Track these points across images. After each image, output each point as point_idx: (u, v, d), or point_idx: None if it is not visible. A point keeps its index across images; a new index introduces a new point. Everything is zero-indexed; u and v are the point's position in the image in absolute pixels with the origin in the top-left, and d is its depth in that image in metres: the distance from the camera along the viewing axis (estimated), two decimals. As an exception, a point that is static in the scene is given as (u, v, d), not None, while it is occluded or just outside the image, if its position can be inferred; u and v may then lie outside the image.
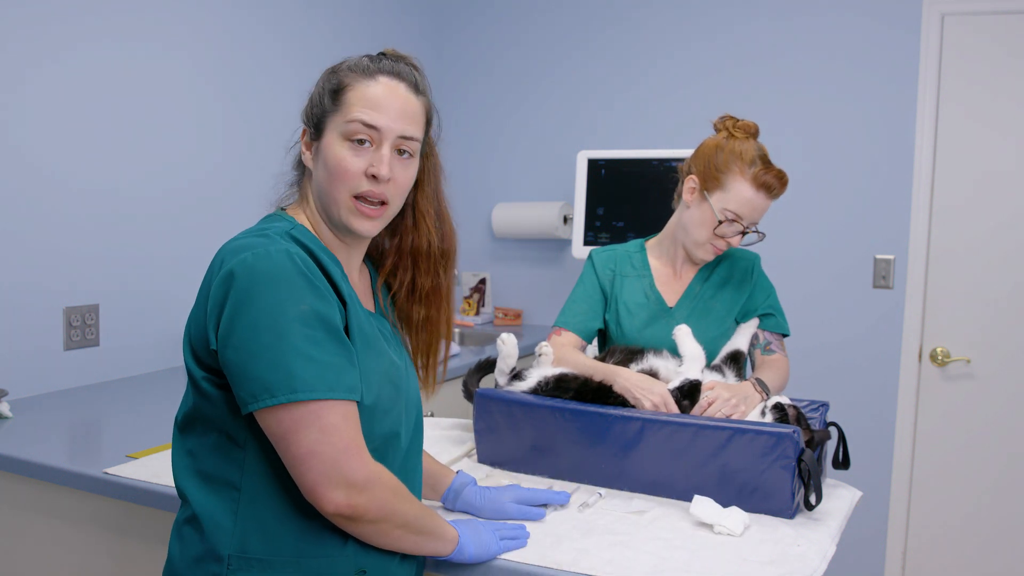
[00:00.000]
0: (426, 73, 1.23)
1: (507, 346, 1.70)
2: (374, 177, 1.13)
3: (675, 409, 1.58)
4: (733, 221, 1.75)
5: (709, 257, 1.83)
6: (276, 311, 1.03)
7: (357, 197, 1.14)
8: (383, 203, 1.16)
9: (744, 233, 1.77)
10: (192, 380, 1.13)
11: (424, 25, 3.74)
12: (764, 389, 1.64)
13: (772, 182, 1.73)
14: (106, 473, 1.57)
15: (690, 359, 1.67)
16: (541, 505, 1.42)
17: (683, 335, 1.69)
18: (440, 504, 1.41)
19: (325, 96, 1.16)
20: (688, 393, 1.60)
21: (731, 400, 1.57)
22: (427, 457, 1.39)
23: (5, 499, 1.73)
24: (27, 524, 1.71)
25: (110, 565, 1.63)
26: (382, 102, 1.14)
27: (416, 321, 1.28)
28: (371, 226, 1.16)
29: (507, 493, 1.39)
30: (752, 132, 1.79)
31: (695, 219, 1.80)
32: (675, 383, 1.62)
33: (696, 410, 1.57)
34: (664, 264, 1.92)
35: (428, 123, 1.23)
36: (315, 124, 1.17)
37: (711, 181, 1.76)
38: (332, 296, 1.09)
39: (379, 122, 1.13)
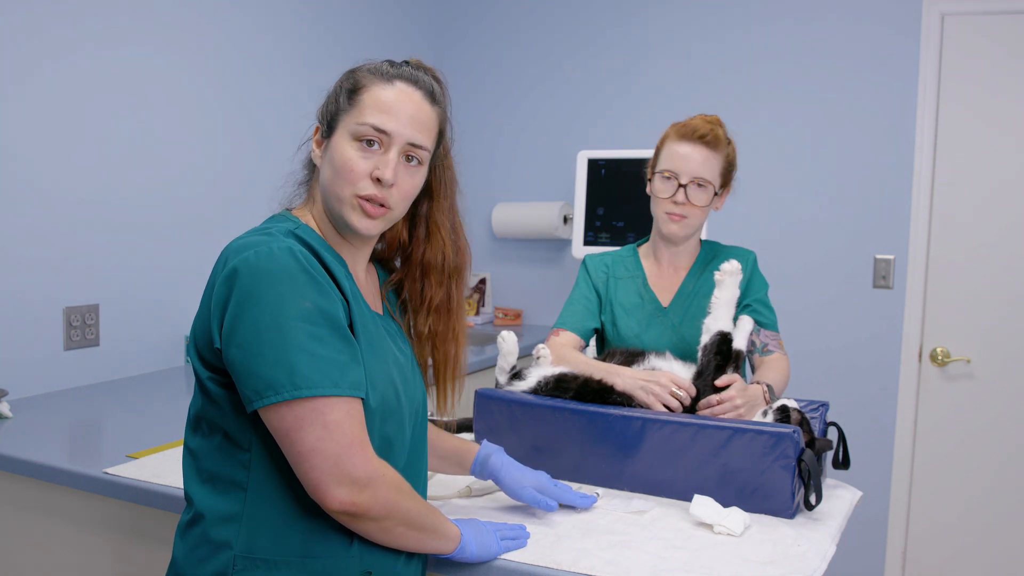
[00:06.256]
0: None
1: (507, 344, 1.71)
2: (378, 180, 1.12)
3: (684, 384, 1.58)
4: (668, 178, 1.78)
5: (674, 228, 1.81)
6: (279, 308, 1.03)
7: (361, 197, 1.13)
8: (383, 206, 1.15)
9: (684, 187, 1.76)
10: (198, 380, 1.13)
11: (424, 26, 3.74)
12: (773, 397, 1.63)
13: (695, 125, 1.77)
14: (106, 473, 1.57)
15: (723, 305, 1.64)
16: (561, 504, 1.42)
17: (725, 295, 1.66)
18: (472, 477, 1.45)
19: (341, 95, 1.17)
20: (719, 347, 1.60)
21: (740, 409, 1.55)
22: (449, 436, 1.42)
23: (5, 499, 1.73)
24: (27, 524, 1.71)
25: (110, 565, 1.63)
26: (394, 107, 1.14)
27: (424, 334, 1.28)
28: (371, 225, 1.15)
29: (531, 478, 1.39)
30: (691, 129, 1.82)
31: (652, 200, 1.85)
32: (698, 359, 1.63)
33: (704, 407, 1.57)
34: (654, 264, 1.93)
35: (441, 134, 1.22)
36: (328, 122, 1.18)
37: (653, 161, 1.85)
38: (336, 293, 1.09)
39: (389, 126, 1.13)
